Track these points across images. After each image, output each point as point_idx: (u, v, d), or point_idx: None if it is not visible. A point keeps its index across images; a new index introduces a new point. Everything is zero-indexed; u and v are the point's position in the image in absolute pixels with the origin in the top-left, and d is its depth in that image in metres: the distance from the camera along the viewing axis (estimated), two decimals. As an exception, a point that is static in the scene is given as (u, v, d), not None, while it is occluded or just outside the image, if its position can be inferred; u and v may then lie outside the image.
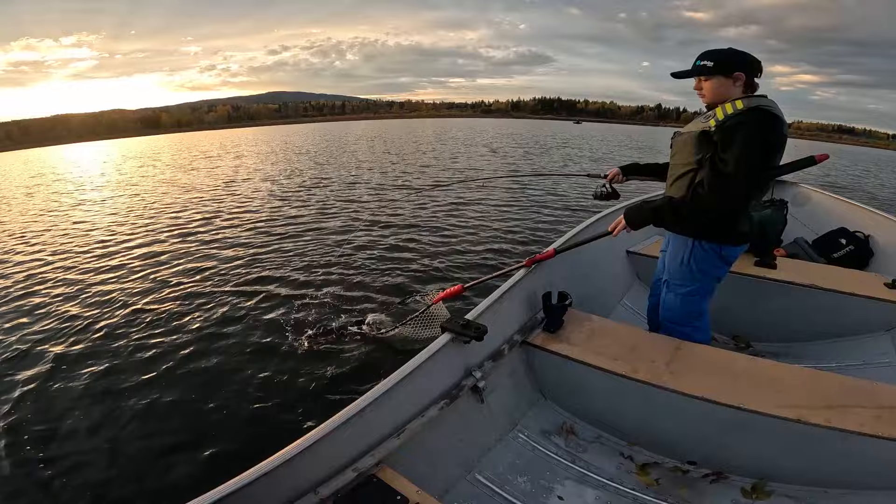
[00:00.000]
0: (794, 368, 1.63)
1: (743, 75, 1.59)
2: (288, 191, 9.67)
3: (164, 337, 3.35)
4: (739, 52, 1.62)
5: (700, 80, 1.68)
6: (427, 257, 5.02)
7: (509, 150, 18.91)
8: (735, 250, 1.74)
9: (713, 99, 1.66)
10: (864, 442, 1.28)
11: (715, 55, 1.62)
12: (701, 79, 1.67)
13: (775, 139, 1.52)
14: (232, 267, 4.86)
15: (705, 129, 1.59)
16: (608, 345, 1.76)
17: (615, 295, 2.77)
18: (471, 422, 1.62)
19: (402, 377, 1.36)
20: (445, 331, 1.58)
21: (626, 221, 1.74)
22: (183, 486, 1.99)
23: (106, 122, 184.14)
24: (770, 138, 1.51)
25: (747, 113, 1.50)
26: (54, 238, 6.62)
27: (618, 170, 2.28)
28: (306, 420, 2.37)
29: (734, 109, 1.53)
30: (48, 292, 4.39)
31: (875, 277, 2.41)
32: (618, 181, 2.30)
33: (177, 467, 2.14)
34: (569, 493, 1.49)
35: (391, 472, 1.24)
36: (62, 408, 2.62)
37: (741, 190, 1.52)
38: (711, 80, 1.63)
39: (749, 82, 1.61)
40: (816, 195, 3.72)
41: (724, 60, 1.61)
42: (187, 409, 2.56)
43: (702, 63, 1.63)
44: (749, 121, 1.49)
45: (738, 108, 1.52)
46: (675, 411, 1.53)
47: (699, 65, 1.64)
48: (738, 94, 1.61)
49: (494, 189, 8.96)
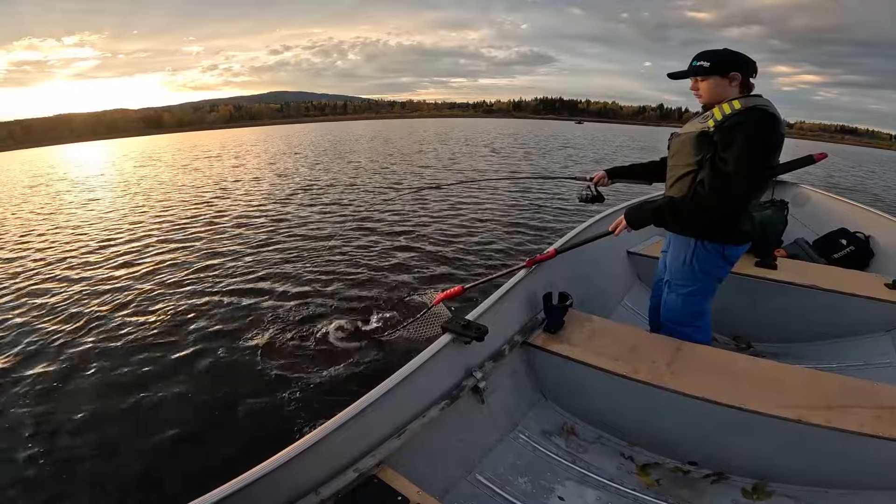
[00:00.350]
0: (795, 369, 1.63)
1: (739, 75, 1.60)
2: (288, 191, 9.68)
3: (163, 336, 3.36)
4: (735, 53, 1.63)
5: (697, 81, 1.68)
6: (427, 258, 5.03)
7: (510, 151, 18.79)
8: (738, 250, 1.75)
9: (710, 99, 1.66)
10: (865, 442, 1.28)
11: (711, 55, 1.63)
12: (697, 79, 1.68)
13: (774, 138, 1.53)
14: (232, 268, 4.86)
15: (704, 130, 1.59)
16: (609, 345, 1.76)
17: (616, 295, 2.77)
18: (471, 422, 1.62)
19: (403, 378, 1.36)
20: (446, 331, 1.58)
21: (627, 221, 1.74)
22: (180, 487, 2.01)
23: (108, 122, 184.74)
24: (769, 138, 1.51)
25: (746, 113, 1.51)
26: (54, 238, 6.64)
27: (603, 173, 2.27)
28: (307, 420, 2.37)
29: (732, 109, 1.54)
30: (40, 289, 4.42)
31: (875, 278, 2.41)
32: (603, 184, 2.29)
33: (173, 468, 2.15)
34: (569, 494, 1.50)
35: (392, 473, 1.24)
36: (64, 404, 2.63)
37: (742, 189, 1.53)
38: (708, 81, 1.64)
39: (745, 82, 1.62)
40: (817, 196, 3.71)
41: (720, 61, 1.61)
42: (185, 408, 2.57)
43: (698, 63, 1.64)
44: (748, 120, 1.50)
45: (736, 108, 1.53)
46: (676, 412, 1.53)
47: (696, 65, 1.65)
48: (734, 94, 1.62)
49: (496, 189, 8.96)
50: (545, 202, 7.95)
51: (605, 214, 2.77)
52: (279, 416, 2.45)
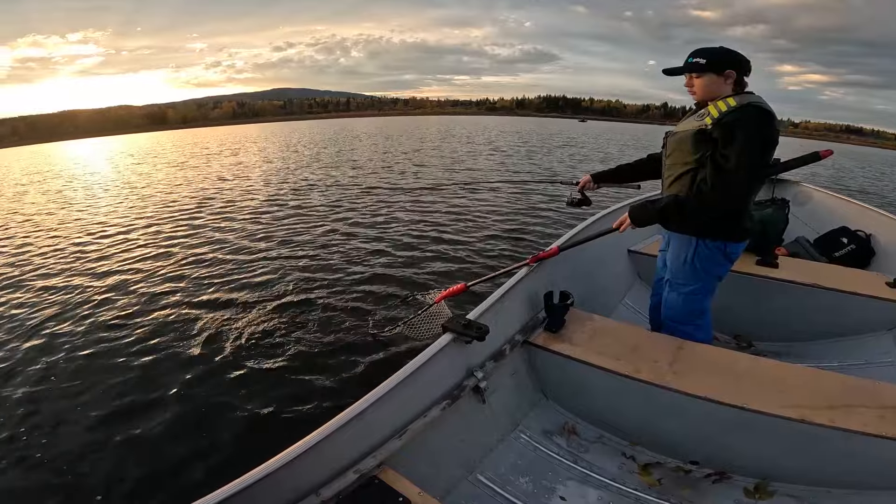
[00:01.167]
0: (797, 368, 1.63)
1: (734, 73, 1.62)
2: (289, 190, 9.65)
3: (161, 336, 3.35)
4: (731, 51, 1.65)
5: (691, 77, 1.70)
6: (428, 256, 5.02)
7: (512, 151, 18.57)
8: (738, 247, 1.75)
9: (704, 96, 1.68)
10: (868, 442, 1.28)
11: (707, 53, 1.64)
12: (692, 76, 1.69)
13: (771, 134, 1.54)
14: (231, 266, 4.86)
15: (702, 128, 1.60)
16: (610, 344, 1.75)
17: (617, 294, 2.77)
18: (472, 422, 1.62)
19: (404, 378, 1.36)
20: (447, 331, 1.58)
21: (631, 219, 1.75)
22: (176, 488, 2.01)
23: (113, 119, 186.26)
24: (767, 133, 1.53)
25: (742, 110, 1.53)
26: (63, 236, 6.65)
27: (588, 177, 2.27)
28: (308, 420, 2.37)
29: (728, 107, 1.55)
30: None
31: (877, 276, 2.40)
32: (589, 188, 2.29)
33: (168, 468, 2.14)
34: (571, 494, 1.49)
35: (393, 474, 1.24)
36: (68, 401, 2.64)
37: (744, 186, 1.54)
38: (703, 78, 1.65)
39: (739, 80, 1.64)
40: (818, 194, 3.71)
41: (716, 58, 1.63)
42: (184, 406, 2.56)
43: (694, 60, 1.65)
44: (745, 117, 1.51)
45: (732, 106, 1.55)
46: (678, 411, 1.53)
47: (691, 62, 1.66)
48: (728, 91, 1.64)
49: (498, 189, 8.89)
50: (546, 204, 7.88)
51: (607, 212, 2.77)
52: (280, 416, 2.45)
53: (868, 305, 2.18)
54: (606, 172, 2.25)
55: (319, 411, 2.44)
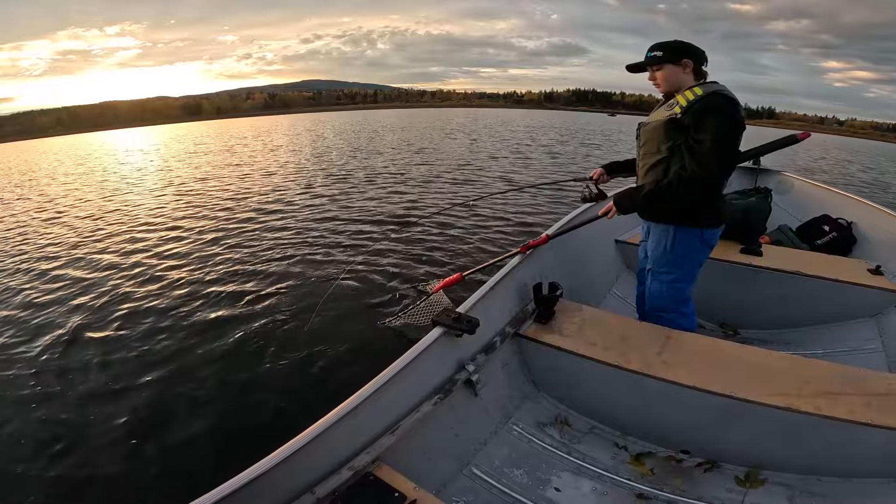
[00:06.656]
0: (783, 356, 1.65)
1: (690, 62, 1.71)
2: (291, 185, 9.37)
3: (159, 335, 3.25)
4: (685, 42, 1.74)
5: (653, 71, 1.78)
6: (427, 248, 4.96)
7: (538, 158, 15.04)
8: (715, 233, 1.80)
9: (668, 87, 1.77)
10: (855, 430, 1.30)
11: (663, 46, 1.74)
12: (654, 69, 1.78)
13: (740, 118, 1.61)
14: (231, 260, 4.80)
15: (672, 116, 1.65)
16: (599, 335, 1.76)
17: (605, 284, 2.78)
18: (465, 416, 1.61)
19: (395, 373, 1.35)
20: (437, 324, 1.56)
21: (616, 206, 1.79)
22: (172, 489, 1.97)
23: (152, 109, 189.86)
24: (737, 117, 1.59)
25: (710, 97, 1.60)
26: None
27: (601, 169, 2.28)
28: (305, 414, 2.28)
29: (695, 95, 1.63)
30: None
31: (858, 263, 2.45)
32: (603, 181, 2.29)
33: (162, 468, 2.09)
34: (565, 485, 1.50)
35: (388, 470, 1.22)
36: (73, 398, 2.60)
37: (720, 162, 1.60)
38: (663, 70, 1.75)
39: (697, 70, 1.72)
40: (799, 183, 3.77)
41: (671, 49, 1.73)
42: (182, 407, 2.50)
43: (652, 54, 1.75)
44: (714, 103, 1.58)
45: (699, 94, 1.62)
46: (667, 401, 1.54)
47: (650, 56, 1.76)
48: (690, 81, 1.72)
49: (517, 186, 8.59)
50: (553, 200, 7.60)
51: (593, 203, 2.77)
52: (276, 411, 2.40)
53: (851, 292, 2.22)
54: (619, 163, 2.25)
55: (316, 405, 2.33)
